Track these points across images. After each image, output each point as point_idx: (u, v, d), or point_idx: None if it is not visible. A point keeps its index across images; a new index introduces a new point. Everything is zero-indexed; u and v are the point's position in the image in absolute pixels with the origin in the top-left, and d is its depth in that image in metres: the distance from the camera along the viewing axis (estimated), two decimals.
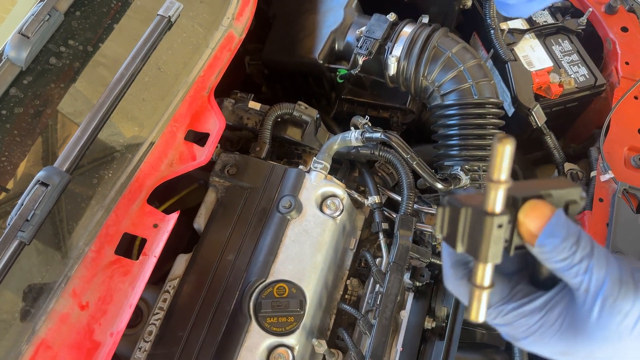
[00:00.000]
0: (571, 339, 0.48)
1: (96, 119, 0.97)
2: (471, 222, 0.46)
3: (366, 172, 1.33)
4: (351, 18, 1.42)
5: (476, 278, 0.46)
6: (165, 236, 0.99)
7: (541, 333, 0.49)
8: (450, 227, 0.48)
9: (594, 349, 0.48)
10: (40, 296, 0.94)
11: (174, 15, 1.10)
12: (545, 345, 0.49)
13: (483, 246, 0.44)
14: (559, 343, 0.49)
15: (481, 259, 0.45)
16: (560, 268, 0.47)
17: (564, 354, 0.49)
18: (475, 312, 0.46)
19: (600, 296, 0.46)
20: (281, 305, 1.06)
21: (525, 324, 0.49)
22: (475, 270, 0.46)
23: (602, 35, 1.56)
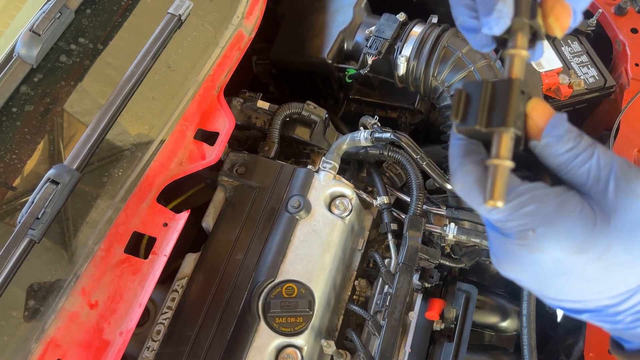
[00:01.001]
0: (589, 228, 0.43)
1: (106, 117, 0.97)
2: (492, 94, 0.45)
3: (374, 173, 1.32)
4: (360, 18, 1.41)
5: (499, 150, 0.44)
6: (176, 235, 0.99)
7: (558, 216, 0.44)
8: (467, 108, 0.47)
9: (612, 240, 0.43)
10: (49, 294, 0.93)
11: (184, 13, 1.09)
12: (561, 234, 0.44)
13: (509, 111, 0.44)
14: (576, 234, 0.43)
15: (508, 123, 0.44)
16: (567, 160, 0.45)
17: (578, 250, 0.44)
18: (499, 191, 0.42)
19: (612, 176, 0.44)
20: (290, 306, 1.06)
21: (543, 208, 0.44)
22: (498, 143, 0.44)
23: (612, 36, 1.55)
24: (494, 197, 0.43)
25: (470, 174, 0.47)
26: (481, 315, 1.22)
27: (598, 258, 0.44)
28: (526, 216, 0.44)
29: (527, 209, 0.44)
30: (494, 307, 1.22)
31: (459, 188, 0.48)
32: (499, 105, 0.44)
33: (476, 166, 0.47)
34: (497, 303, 1.23)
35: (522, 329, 1.10)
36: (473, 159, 0.47)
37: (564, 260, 0.45)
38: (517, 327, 1.23)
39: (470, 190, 0.47)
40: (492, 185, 0.43)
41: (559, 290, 0.48)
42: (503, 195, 0.43)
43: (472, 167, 0.47)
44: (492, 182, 0.43)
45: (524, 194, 0.45)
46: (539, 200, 0.44)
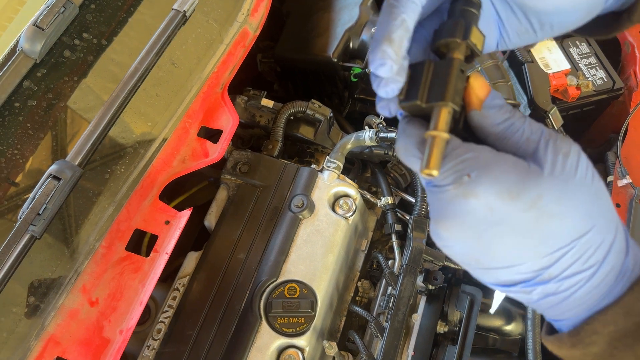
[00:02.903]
0: (522, 174, 0.46)
1: (109, 113, 0.96)
2: (433, 73, 0.48)
3: (379, 173, 1.31)
4: (366, 16, 1.40)
5: (437, 123, 0.47)
6: (178, 233, 0.98)
7: (492, 163, 0.46)
8: (411, 86, 0.49)
9: (544, 188, 0.45)
10: (49, 291, 0.93)
11: (188, 10, 1.08)
12: (494, 179, 0.46)
13: (448, 87, 0.47)
14: (509, 178, 0.46)
15: (447, 98, 0.47)
16: (504, 127, 0.49)
17: (510, 195, 0.45)
18: (435, 161, 0.46)
19: (542, 138, 0.48)
20: (292, 306, 1.04)
21: (475, 157, 0.47)
22: (437, 117, 0.47)
23: (621, 38, 1.53)
24: (429, 166, 0.45)
25: (411, 138, 0.50)
26: (485, 318, 1.21)
27: (530, 206, 0.46)
28: (462, 162, 0.47)
29: (464, 156, 0.47)
30: (498, 310, 1.21)
31: (401, 152, 0.51)
32: (439, 82, 0.48)
33: (417, 131, 0.50)
34: (501, 306, 1.21)
35: (527, 333, 1.09)
36: (415, 126, 0.51)
37: (497, 208, 0.46)
38: (522, 331, 1.21)
39: (411, 154, 0.50)
40: (429, 154, 0.46)
41: (492, 252, 0.48)
42: (438, 165, 0.46)
43: (413, 132, 0.50)
44: (429, 152, 0.46)
45: (462, 147, 0.48)
46: (476, 150, 0.48)
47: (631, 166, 1.29)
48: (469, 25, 0.49)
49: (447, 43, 0.49)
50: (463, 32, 0.48)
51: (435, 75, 0.48)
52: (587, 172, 0.47)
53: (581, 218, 0.47)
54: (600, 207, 0.48)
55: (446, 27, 0.50)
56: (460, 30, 0.49)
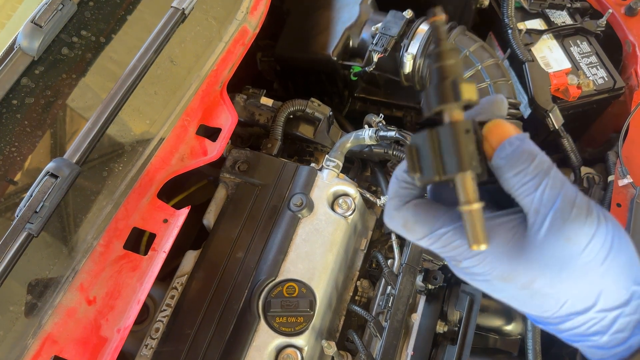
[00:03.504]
0: (514, 260, 0.45)
1: (107, 111, 0.96)
2: (439, 141, 0.46)
3: (379, 172, 1.30)
4: (366, 15, 1.40)
5: (466, 195, 0.44)
6: (176, 232, 0.98)
7: (483, 253, 0.46)
8: (420, 160, 0.47)
9: (536, 274, 0.45)
10: (47, 290, 0.92)
11: (187, 7, 1.08)
12: (486, 267, 0.46)
13: (461, 155, 0.44)
14: (500, 265, 0.46)
15: (464, 167, 0.44)
16: (515, 185, 0.45)
17: (503, 278, 0.46)
18: (481, 235, 0.44)
19: (549, 216, 0.43)
20: (291, 305, 1.04)
21: (463, 243, 0.46)
22: (463, 188, 0.44)
23: (622, 37, 1.53)
24: (478, 242, 0.44)
25: (398, 215, 0.50)
26: (485, 318, 1.20)
27: (523, 287, 0.46)
28: (452, 250, 0.48)
29: (449, 246, 0.47)
30: (498, 310, 1.20)
31: (400, 224, 0.50)
32: (449, 151, 0.45)
33: (403, 206, 0.50)
34: (501, 306, 1.21)
35: (527, 333, 1.08)
36: (402, 200, 0.50)
37: (494, 284, 0.48)
38: (522, 331, 1.20)
39: (398, 229, 0.50)
40: (472, 230, 0.44)
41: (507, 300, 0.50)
42: (485, 238, 0.44)
43: (401, 209, 0.50)
44: (471, 228, 0.44)
45: (444, 234, 0.47)
46: (460, 235, 0.47)
47: (632, 166, 1.29)
48: (456, 83, 0.46)
49: (441, 110, 0.46)
50: (452, 93, 0.45)
51: (443, 144, 0.45)
52: (599, 254, 0.44)
53: (582, 297, 0.46)
54: (613, 279, 0.45)
55: (434, 93, 0.46)
56: (449, 93, 0.45)
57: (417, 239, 0.50)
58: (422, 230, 0.49)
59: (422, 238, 0.49)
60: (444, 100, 0.46)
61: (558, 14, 1.52)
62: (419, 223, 0.49)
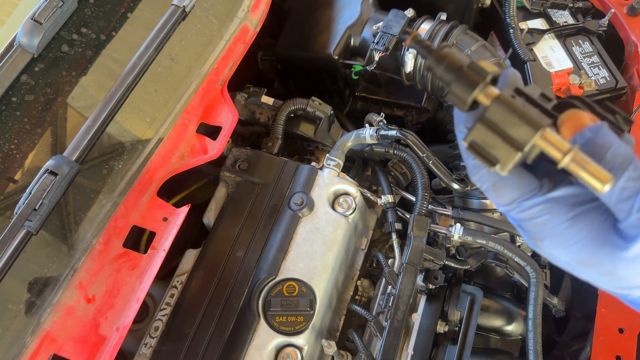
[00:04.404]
0: (598, 246, 0.43)
1: (107, 108, 0.95)
2: (496, 124, 0.43)
3: (380, 171, 1.30)
4: (368, 13, 1.39)
5: (558, 148, 0.41)
6: (175, 230, 0.97)
7: (567, 234, 0.44)
8: (492, 152, 0.43)
9: (620, 264, 0.43)
10: (46, 288, 0.92)
11: (188, 5, 1.07)
12: (568, 249, 0.45)
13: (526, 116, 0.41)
14: (583, 250, 0.44)
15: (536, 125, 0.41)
16: None
17: (584, 263, 0.45)
18: (601, 172, 0.40)
19: (635, 210, 0.41)
20: (291, 304, 1.03)
21: (550, 221, 0.45)
22: (550, 144, 0.41)
23: (624, 37, 1.52)
24: (603, 180, 0.40)
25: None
26: (486, 318, 1.19)
27: (607, 274, 0.45)
28: (535, 227, 0.46)
29: (537, 219, 0.45)
30: (499, 310, 1.20)
31: (490, 183, 0.48)
32: (512, 123, 0.42)
33: None
34: (502, 306, 1.20)
35: (528, 333, 1.07)
36: None
37: (574, 266, 0.46)
38: (523, 331, 1.20)
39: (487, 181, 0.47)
40: (590, 174, 0.40)
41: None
42: (607, 174, 0.40)
43: None
44: (587, 173, 0.40)
45: (538, 204, 0.45)
46: (551, 212, 0.45)
47: None
48: (472, 64, 0.44)
49: (475, 98, 0.44)
50: (476, 74, 0.44)
51: (501, 122, 0.43)
52: None
53: None
54: None
55: (460, 88, 0.44)
56: (473, 76, 0.44)
57: (504, 203, 0.47)
58: (511, 195, 0.46)
59: (510, 204, 0.47)
60: (473, 84, 0.44)
61: (560, 14, 1.52)
62: (509, 187, 0.46)
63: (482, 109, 0.44)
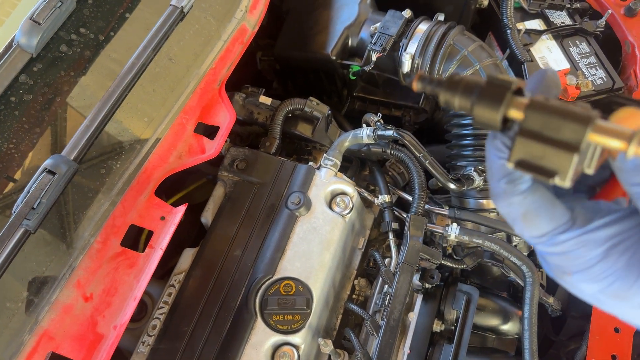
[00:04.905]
0: (634, 279, 0.40)
1: (105, 108, 0.96)
2: (540, 132, 0.38)
3: (377, 171, 1.30)
4: (365, 14, 1.40)
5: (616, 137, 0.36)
6: (172, 229, 0.98)
7: (600, 267, 0.41)
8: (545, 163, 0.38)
9: None
10: (44, 286, 0.92)
11: (186, 5, 1.08)
12: (599, 283, 0.42)
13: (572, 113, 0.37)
14: (616, 283, 0.41)
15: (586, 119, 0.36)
16: (637, 194, 0.39)
17: (616, 296, 0.42)
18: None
19: None
20: (287, 303, 1.04)
21: (583, 255, 0.42)
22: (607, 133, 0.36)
23: (621, 38, 1.53)
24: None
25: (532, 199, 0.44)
26: (482, 317, 1.20)
27: (637, 306, 0.42)
28: (567, 260, 0.43)
29: (568, 254, 0.43)
30: (495, 310, 1.20)
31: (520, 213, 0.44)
32: (558, 126, 0.37)
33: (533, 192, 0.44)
34: (498, 305, 1.21)
35: (524, 332, 1.08)
36: (519, 182, 0.44)
37: (602, 300, 0.44)
38: (519, 331, 1.20)
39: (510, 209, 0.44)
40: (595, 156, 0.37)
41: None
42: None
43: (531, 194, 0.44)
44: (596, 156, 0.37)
45: (573, 237, 0.42)
46: (585, 246, 0.42)
47: None
48: (492, 79, 0.40)
49: (505, 114, 0.40)
50: (500, 88, 0.40)
51: (545, 129, 0.38)
52: None
53: None
54: None
55: (485, 106, 0.40)
56: (498, 92, 0.39)
57: (536, 235, 0.44)
58: (545, 227, 0.43)
59: (541, 236, 0.44)
60: (499, 100, 0.39)
61: (557, 15, 1.52)
62: (541, 217, 0.43)
63: (517, 123, 0.40)
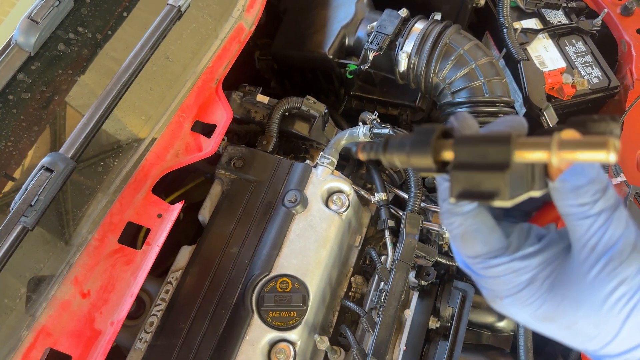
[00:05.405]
0: (558, 301, 0.43)
1: (103, 106, 0.97)
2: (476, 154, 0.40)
3: (373, 169, 1.31)
4: (362, 13, 1.40)
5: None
6: (169, 226, 0.98)
7: (527, 292, 0.44)
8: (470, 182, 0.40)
9: (579, 316, 0.42)
10: (41, 283, 0.93)
11: (184, 5, 1.09)
12: (528, 307, 0.44)
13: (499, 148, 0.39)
14: (543, 306, 0.43)
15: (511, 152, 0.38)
16: (575, 215, 0.41)
17: (545, 319, 0.44)
18: None
19: (606, 256, 0.40)
20: (284, 300, 1.05)
21: (513, 281, 0.44)
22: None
23: (617, 36, 1.54)
24: (605, 146, 0.36)
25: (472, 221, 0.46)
26: (478, 314, 1.21)
27: (565, 327, 0.44)
28: (497, 285, 0.45)
29: (498, 279, 0.45)
30: (490, 307, 1.21)
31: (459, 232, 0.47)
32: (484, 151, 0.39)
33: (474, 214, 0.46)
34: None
35: (519, 329, 1.09)
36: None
37: (532, 324, 0.46)
38: (514, 328, 1.21)
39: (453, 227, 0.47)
40: (586, 147, 0.36)
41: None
42: (604, 138, 0.36)
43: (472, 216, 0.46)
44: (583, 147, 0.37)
45: (502, 264, 0.45)
46: (513, 273, 0.44)
47: (625, 165, 1.29)
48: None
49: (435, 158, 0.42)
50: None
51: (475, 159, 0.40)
52: None
53: (629, 336, 0.42)
54: None
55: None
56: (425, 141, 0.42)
57: (469, 255, 0.46)
58: (478, 249, 0.46)
59: (474, 257, 0.46)
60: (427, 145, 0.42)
61: (554, 14, 1.53)
62: (477, 240, 0.45)
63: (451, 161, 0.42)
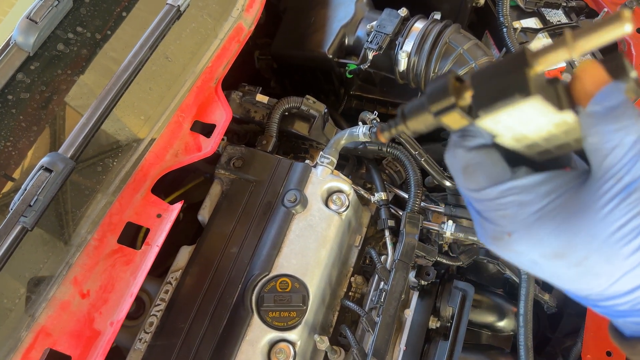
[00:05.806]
0: (571, 235, 0.40)
1: (102, 106, 0.97)
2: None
3: (373, 169, 1.31)
4: (362, 13, 1.40)
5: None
6: (169, 226, 0.98)
7: (538, 225, 0.41)
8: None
9: (592, 249, 0.40)
10: (41, 283, 0.93)
11: (183, 4, 1.09)
12: (537, 242, 0.41)
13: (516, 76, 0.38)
14: (554, 239, 0.40)
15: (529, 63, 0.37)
16: (607, 140, 0.38)
17: (555, 255, 0.41)
18: None
19: (629, 187, 0.38)
20: (284, 300, 1.05)
21: (521, 213, 0.42)
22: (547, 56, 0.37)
23: None
24: (621, 19, 0.36)
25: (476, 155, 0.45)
26: (478, 314, 1.20)
27: (575, 264, 0.41)
28: (504, 218, 0.43)
29: (505, 211, 0.42)
30: (490, 307, 1.21)
31: (461, 166, 0.46)
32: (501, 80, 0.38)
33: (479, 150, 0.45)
34: (494, 302, 1.21)
35: (519, 329, 1.09)
36: (472, 140, 0.45)
37: (540, 263, 0.43)
38: (514, 327, 1.21)
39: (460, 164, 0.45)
40: (601, 27, 0.37)
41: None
42: (617, 13, 0.36)
43: (477, 151, 0.45)
44: (598, 29, 0.37)
45: (506, 194, 0.43)
46: (520, 205, 0.42)
47: None
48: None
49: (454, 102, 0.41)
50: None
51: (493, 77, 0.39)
52: None
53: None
54: None
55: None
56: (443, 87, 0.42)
57: (472, 189, 0.45)
58: (481, 181, 0.44)
59: (477, 190, 0.44)
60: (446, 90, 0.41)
61: (554, 13, 1.53)
62: (480, 172, 0.44)
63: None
